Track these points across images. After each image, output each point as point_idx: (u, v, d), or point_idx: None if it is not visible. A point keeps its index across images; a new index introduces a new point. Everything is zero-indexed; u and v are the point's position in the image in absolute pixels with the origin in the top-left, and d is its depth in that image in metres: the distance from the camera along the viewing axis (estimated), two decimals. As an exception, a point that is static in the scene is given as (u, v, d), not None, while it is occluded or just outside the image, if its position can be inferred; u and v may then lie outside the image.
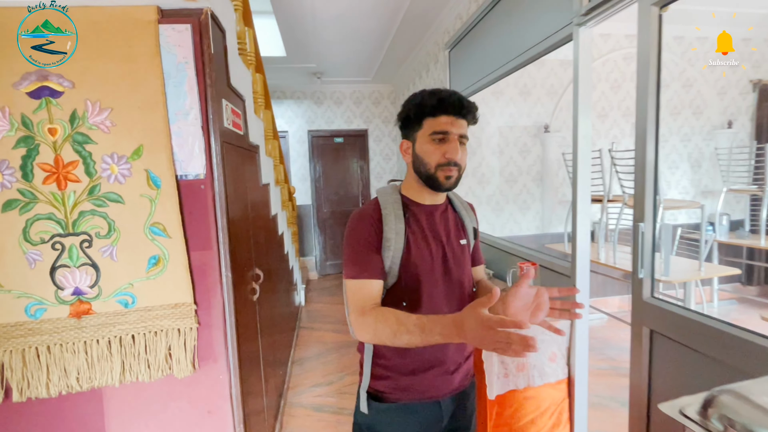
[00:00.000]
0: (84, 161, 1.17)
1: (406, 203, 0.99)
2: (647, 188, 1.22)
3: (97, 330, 1.22)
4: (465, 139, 0.93)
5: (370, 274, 0.92)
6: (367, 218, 0.95)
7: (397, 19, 3.07)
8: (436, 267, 0.97)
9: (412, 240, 0.96)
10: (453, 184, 0.94)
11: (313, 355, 3.03)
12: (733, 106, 3.71)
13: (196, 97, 1.22)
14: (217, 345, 1.31)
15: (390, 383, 0.97)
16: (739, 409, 0.61)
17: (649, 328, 1.21)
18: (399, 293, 0.95)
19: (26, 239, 1.17)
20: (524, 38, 1.95)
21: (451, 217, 1.04)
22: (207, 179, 1.25)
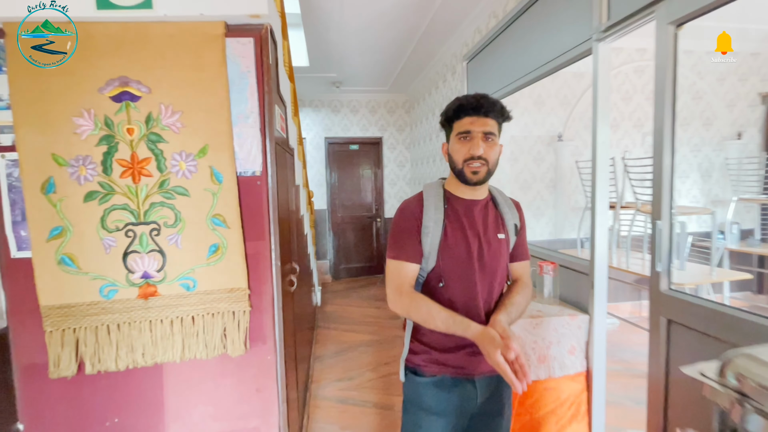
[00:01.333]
0: (156, 158, 1.31)
1: (447, 197, 1.10)
2: (664, 190, 1.34)
3: (161, 310, 1.35)
4: (492, 135, 1.02)
5: (407, 257, 1.05)
6: (409, 208, 1.09)
7: (418, 31, 3.23)
8: (471, 255, 1.06)
9: (450, 229, 1.06)
10: (481, 178, 1.03)
11: (331, 353, 3.14)
12: (743, 117, 3.81)
13: (256, 102, 1.36)
14: (267, 328, 1.43)
15: (427, 357, 1.08)
16: (751, 367, 0.72)
17: (667, 318, 1.31)
18: (437, 275, 1.06)
19: (103, 227, 1.30)
20: (543, 52, 2.09)
21: (491, 213, 1.12)
22: (262, 176, 1.38)
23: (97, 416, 1.37)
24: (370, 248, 5.67)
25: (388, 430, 2.10)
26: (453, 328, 0.97)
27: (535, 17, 2.16)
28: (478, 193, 1.10)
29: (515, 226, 1.14)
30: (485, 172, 1.03)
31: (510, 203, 1.18)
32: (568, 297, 1.94)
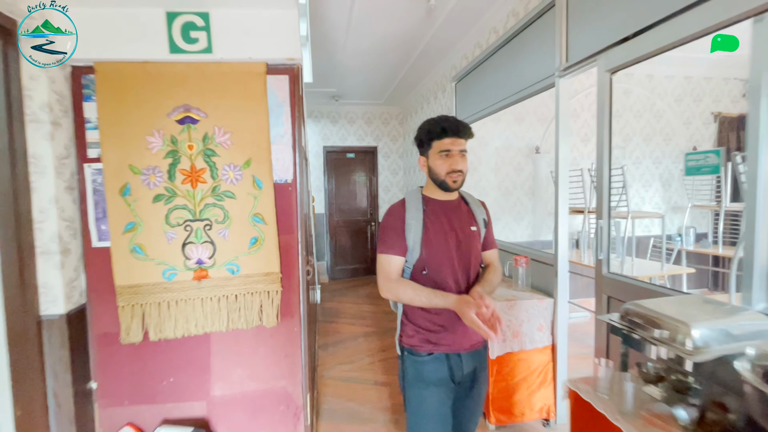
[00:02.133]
0: (210, 168, 1.66)
1: (425, 200, 1.31)
2: (604, 197, 1.74)
3: (211, 290, 1.69)
4: (465, 152, 1.26)
5: (393, 251, 1.25)
6: (394, 211, 1.30)
7: (413, 55, 3.63)
8: (449, 246, 1.25)
9: (430, 225, 1.25)
10: (459, 185, 1.26)
11: (333, 342, 3.47)
12: (698, 134, 4.30)
13: (290, 126, 1.72)
14: (294, 305, 1.78)
15: (421, 338, 1.26)
16: (636, 308, 1.11)
17: (607, 295, 1.70)
18: (421, 264, 1.26)
19: (167, 222, 1.64)
20: (519, 80, 2.50)
21: (464, 210, 1.34)
22: (293, 183, 1.74)
23: (157, 376, 1.70)
24: (365, 250, 6.02)
25: (387, 401, 2.45)
26: (435, 301, 1.17)
27: (512, 52, 2.57)
28: (450, 194, 1.32)
29: (484, 221, 1.37)
30: (462, 180, 1.26)
31: (477, 203, 1.40)
32: (538, 285, 2.33)
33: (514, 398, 2.13)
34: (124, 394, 1.69)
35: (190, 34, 1.59)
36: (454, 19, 2.84)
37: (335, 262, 5.92)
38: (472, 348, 1.29)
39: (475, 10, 2.70)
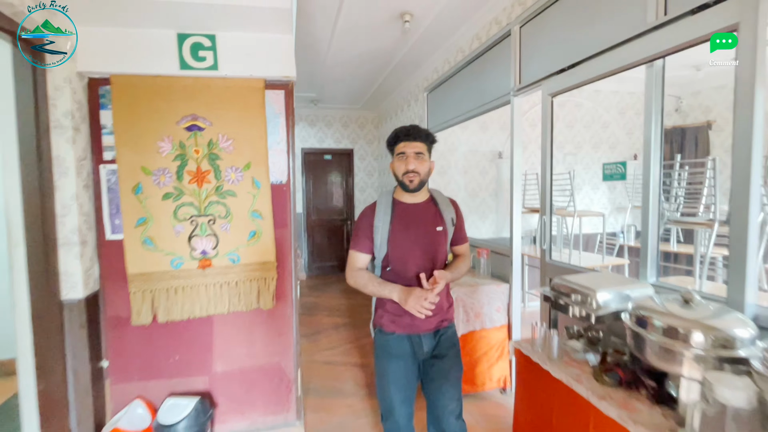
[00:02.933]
0: (214, 170, 1.89)
1: (395, 202, 1.44)
2: (546, 197, 2.11)
3: (214, 277, 1.92)
4: (421, 154, 1.36)
5: (359, 248, 1.42)
6: (365, 213, 1.45)
7: (389, 66, 3.95)
8: (414, 245, 1.38)
9: (396, 226, 1.39)
10: (416, 186, 1.37)
11: (314, 332, 3.72)
12: (638, 142, 4.88)
13: (285, 134, 1.98)
14: (287, 290, 2.03)
15: (387, 318, 1.43)
16: (560, 281, 1.46)
17: (549, 278, 2.07)
18: (386, 261, 1.42)
19: (175, 217, 1.86)
20: (482, 95, 2.87)
21: (431, 211, 1.45)
22: (287, 184, 2.00)
23: (164, 354, 1.91)
24: (341, 249, 6.27)
25: (366, 379, 2.74)
26: (382, 291, 1.36)
27: (476, 69, 2.94)
28: (418, 197, 1.44)
29: (452, 219, 1.47)
30: (418, 181, 1.36)
31: (447, 202, 1.50)
32: (497, 273, 2.70)
33: (476, 371, 2.47)
34: (134, 370, 1.88)
35: (199, 53, 1.82)
36: (427, 39, 3.18)
37: (312, 260, 6.14)
38: (430, 330, 1.43)
39: (445, 32, 3.05)
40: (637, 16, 1.53)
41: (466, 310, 2.44)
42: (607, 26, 1.68)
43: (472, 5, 2.62)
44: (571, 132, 4.64)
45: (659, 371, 1.12)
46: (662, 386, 1.12)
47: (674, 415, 1.03)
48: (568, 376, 1.28)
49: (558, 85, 1.98)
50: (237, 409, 1.99)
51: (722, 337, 0.98)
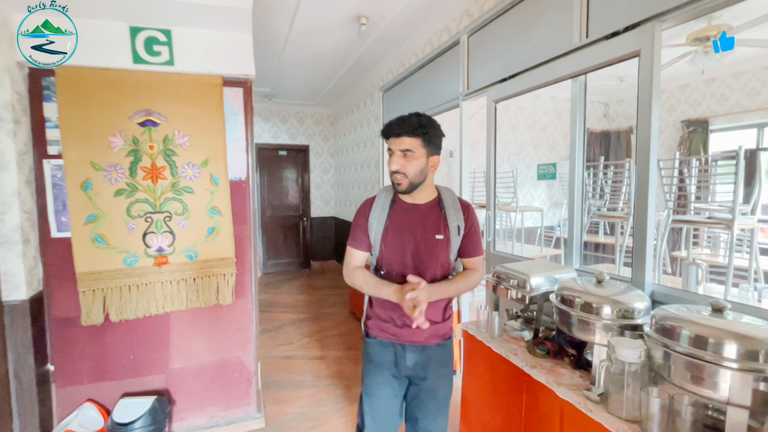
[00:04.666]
0: (170, 167, 1.88)
1: (394, 200, 1.26)
2: (490, 194, 2.32)
3: (170, 274, 1.91)
4: (409, 151, 1.13)
5: (356, 245, 1.27)
6: (362, 207, 1.29)
7: (345, 65, 4.02)
8: (405, 251, 1.21)
9: (391, 227, 1.23)
10: (403, 189, 1.18)
11: (272, 328, 3.73)
12: (573, 145, 5.36)
13: (243, 131, 2.00)
14: (247, 285, 2.07)
15: (373, 323, 1.31)
16: (501, 269, 1.65)
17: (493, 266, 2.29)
18: (380, 264, 1.27)
19: (128, 214, 1.82)
20: (434, 97, 3.04)
21: (435, 214, 1.24)
22: (246, 180, 2.03)
23: (117, 354, 1.87)
24: (298, 245, 6.25)
25: (325, 371, 2.83)
26: (380, 293, 1.18)
27: (429, 73, 3.10)
28: (420, 197, 1.24)
29: (458, 228, 1.24)
30: (406, 183, 1.17)
31: (457, 206, 1.26)
32: (448, 265, 2.90)
33: (430, 355, 2.65)
34: (83, 373, 1.83)
35: (153, 47, 1.80)
36: (382, 41, 3.30)
37: (268, 257, 6.06)
38: (416, 343, 1.26)
39: (399, 36, 3.18)
40: (565, 37, 1.75)
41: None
42: (542, 43, 1.90)
43: (425, 14, 2.77)
44: (515, 133, 5.00)
45: (579, 341, 1.33)
46: (581, 354, 1.33)
47: (589, 376, 1.25)
48: (506, 350, 1.47)
49: (501, 92, 2.19)
50: (196, 405, 2.00)
51: (624, 309, 1.20)
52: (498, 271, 1.66)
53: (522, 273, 1.55)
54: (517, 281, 1.55)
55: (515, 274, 1.57)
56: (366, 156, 4.73)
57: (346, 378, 2.70)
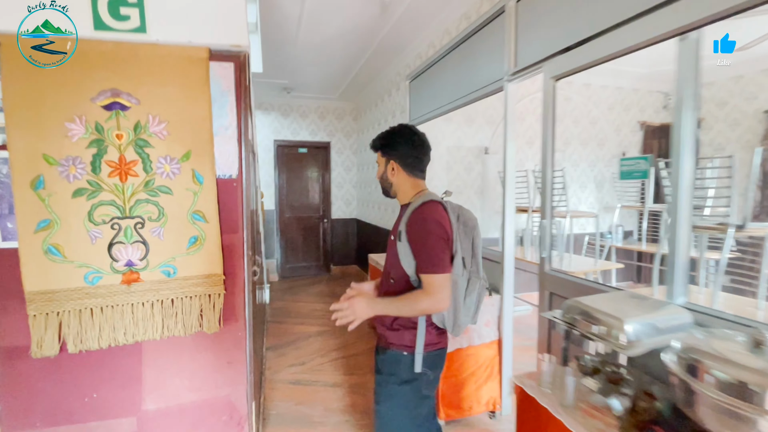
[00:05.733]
0: (143, 161, 1.50)
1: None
2: (547, 198, 1.82)
3: (143, 294, 1.54)
4: (376, 163, 1.41)
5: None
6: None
7: (368, 51, 3.59)
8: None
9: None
10: (385, 194, 1.42)
11: (283, 344, 3.35)
12: (626, 140, 4.71)
13: (235, 117, 1.61)
14: (238, 309, 1.67)
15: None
16: (575, 305, 1.16)
17: (549, 291, 1.79)
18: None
19: (90, 220, 1.46)
20: (470, 82, 2.56)
21: (399, 217, 1.36)
22: (238, 179, 1.63)
23: (76, 392, 1.51)
24: (317, 248, 5.90)
25: (339, 402, 2.41)
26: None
27: (464, 54, 2.62)
28: (400, 201, 1.40)
29: (400, 233, 1.25)
30: (383, 189, 1.41)
31: (413, 208, 1.24)
32: (486, 282, 2.41)
33: (463, 393, 2.18)
34: (35, 415, 1.48)
35: (120, 10, 1.43)
36: (409, 18, 2.84)
37: (286, 260, 5.74)
38: (378, 344, 1.40)
39: (429, 10, 2.72)
40: (670, -25, 1.24)
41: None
42: (626, -7, 1.39)
43: (462, -23, 2.30)
44: (559, 127, 4.41)
45: (719, 437, 0.83)
46: (721, 456, 0.83)
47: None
48: (588, 430, 0.98)
49: (562, 66, 1.69)
50: (175, 455, 1.62)
51: (824, 403, 0.69)
52: (571, 308, 1.18)
53: (610, 316, 1.06)
54: (605, 328, 1.06)
55: (599, 316, 1.08)
56: (390, 153, 4.29)
57: (364, 414, 2.27)
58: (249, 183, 1.75)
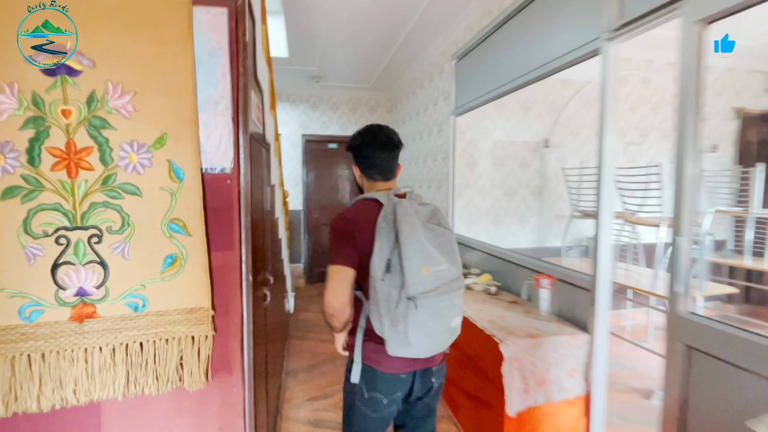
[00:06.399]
0: (100, 148, 1.06)
1: None
2: (684, 203, 1.22)
3: (100, 336, 1.10)
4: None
5: None
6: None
7: (407, 26, 3.06)
8: None
9: None
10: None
11: (305, 367, 2.90)
12: (717, 131, 3.89)
13: (228, 85, 1.13)
14: (233, 355, 1.20)
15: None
16: None
17: (686, 344, 1.19)
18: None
19: (27, 231, 1.04)
20: (543, 52, 1.97)
21: None
22: (233, 174, 1.16)
23: (12, 468, 1.10)
24: (347, 252, 5.45)
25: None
26: None
27: (535, 15, 2.04)
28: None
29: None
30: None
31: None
32: (564, 312, 1.82)
33: (536, 465, 1.62)
34: (-42, 497, 1.08)
35: (59, -76, 0.99)
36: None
37: (313, 264, 5.33)
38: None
39: (489, -38, 2.16)
40: None
41: (523, 375, 1.58)
42: None
43: None
44: (635, 115, 3.69)
45: None
46: None
47: None
48: None
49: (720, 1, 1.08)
50: None
51: None
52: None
53: None
54: None
55: None
56: (431, 147, 3.75)
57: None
58: (253, 179, 1.28)
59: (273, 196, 2.14)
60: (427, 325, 0.96)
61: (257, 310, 1.38)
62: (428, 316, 0.96)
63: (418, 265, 0.96)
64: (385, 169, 1.19)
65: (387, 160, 1.18)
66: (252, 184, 1.26)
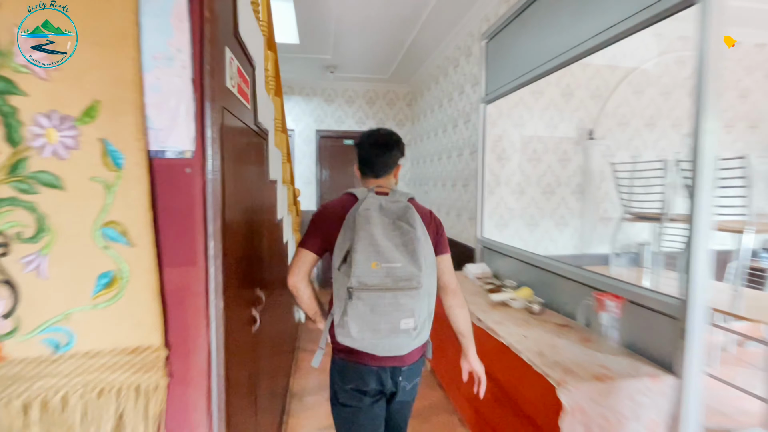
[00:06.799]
0: (5, 121, 0.75)
1: None
2: None
3: (6, 386, 0.79)
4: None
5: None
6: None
7: (428, 4, 2.70)
8: None
9: None
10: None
11: (314, 387, 2.57)
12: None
13: (187, 35, 0.80)
14: (197, 412, 0.87)
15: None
16: None
17: None
18: None
19: None
20: (607, 13, 1.57)
21: None
22: (196, 159, 0.83)
23: None
24: (363, 255, 5.12)
25: None
26: None
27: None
28: None
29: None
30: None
31: None
32: (638, 345, 1.42)
33: None
34: None
35: None
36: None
37: (326, 267, 5.01)
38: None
39: None
40: None
41: (587, 428, 1.19)
42: None
43: None
44: (747, 101, 3.22)
45: None
46: None
47: None
48: None
49: None
50: None
51: None
52: None
53: None
54: None
55: None
56: (456, 140, 3.37)
57: None
58: (233, 169, 0.95)
59: (273, 195, 1.81)
60: (367, 319, 0.97)
61: (238, 342, 1.05)
62: (368, 311, 0.96)
63: (366, 258, 0.96)
64: (376, 166, 1.21)
65: (379, 158, 1.21)
66: (228, 175, 0.92)
